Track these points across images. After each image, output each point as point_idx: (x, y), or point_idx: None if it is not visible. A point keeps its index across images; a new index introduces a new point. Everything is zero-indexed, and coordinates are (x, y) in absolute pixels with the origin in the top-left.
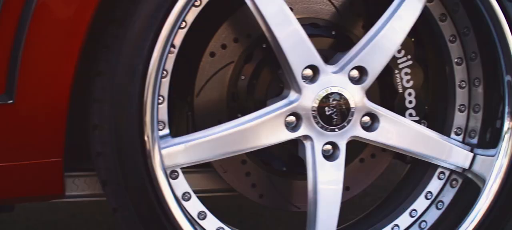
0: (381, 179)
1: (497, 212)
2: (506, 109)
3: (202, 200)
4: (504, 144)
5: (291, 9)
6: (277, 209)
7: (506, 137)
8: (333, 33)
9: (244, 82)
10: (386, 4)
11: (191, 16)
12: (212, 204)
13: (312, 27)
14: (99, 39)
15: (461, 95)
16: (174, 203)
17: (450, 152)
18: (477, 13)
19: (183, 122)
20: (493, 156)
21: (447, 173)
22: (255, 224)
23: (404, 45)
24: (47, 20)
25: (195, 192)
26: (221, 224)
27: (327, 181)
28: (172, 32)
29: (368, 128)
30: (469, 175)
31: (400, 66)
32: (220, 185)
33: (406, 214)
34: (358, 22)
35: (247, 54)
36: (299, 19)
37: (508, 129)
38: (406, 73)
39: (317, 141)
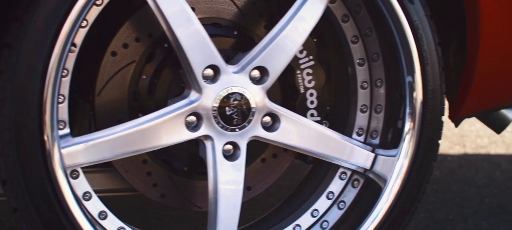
0: (285, 179)
1: (398, 212)
2: (407, 110)
3: (103, 199)
4: (405, 145)
5: (193, 9)
6: (179, 209)
7: (407, 137)
8: (235, 33)
9: (146, 81)
10: (289, 5)
11: (92, 15)
12: (116, 204)
13: (214, 27)
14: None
15: (363, 96)
16: (74, 203)
17: (352, 152)
18: (379, 14)
19: (86, 122)
20: (394, 156)
21: (348, 173)
22: (158, 224)
23: (306, 45)
24: None
25: (96, 191)
26: (122, 224)
27: (228, 181)
28: (72, 31)
29: (269, 128)
30: (371, 175)
31: (302, 66)
32: (121, 184)
33: (307, 214)
34: (261, 22)
35: (148, 53)
36: (201, 19)
37: (409, 129)
38: (308, 74)
39: (217, 141)
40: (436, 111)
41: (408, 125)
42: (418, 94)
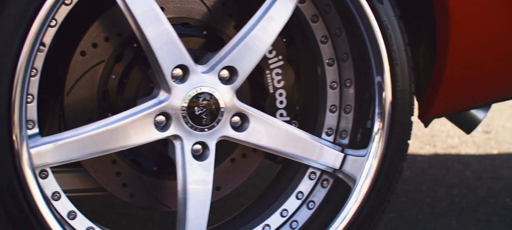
0: (256, 179)
1: (368, 212)
2: (377, 110)
3: (73, 200)
4: (374, 145)
5: (163, 8)
6: (148, 209)
7: (376, 137)
8: (205, 33)
9: (115, 81)
10: (258, 5)
11: (61, 15)
12: (86, 204)
13: (183, 27)
14: None
15: (332, 96)
16: (43, 203)
17: (321, 152)
18: (349, 15)
19: (56, 121)
20: (363, 156)
21: (318, 173)
22: (128, 224)
23: (276, 45)
24: None
25: (65, 191)
26: (91, 224)
27: (197, 181)
28: (41, 30)
29: (238, 128)
30: (340, 175)
31: (271, 66)
32: (91, 184)
33: (277, 214)
34: (230, 22)
35: (118, 53)
36: (171, 19)
37: (378, 129)
38: (277, 74)
39: (186, 141)
40: (405, 111)
41: (377, 125)
42: (387, 94)
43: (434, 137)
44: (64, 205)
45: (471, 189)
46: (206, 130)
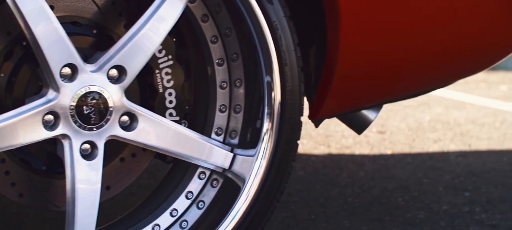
0: (148, 178)
1: (257, 212)
2: (266, 110)
3: None
4: (263, 145)
5: (52, 7)
6: (38, 209)
7: (266, 137)
8: (95, 32)
9: (3, 80)
10: (148, 4)
11: None
12: None
13: (73, 25)
14: None
15: (222, 96)
16: None
17: (210, 152)
18: (239, 15)
19: None
20: (252, 156)
21: (207, 173)
22: (20, 224)
23: (165, 45)
24: None
25: None
26: None
27: (85, 180)
28: None
29: (127, 127)
30: (230, 175)
31: (161, 66)
32: None
33: (167, 214)
34: (120, 21)
35: (6, 51)
36: (60, 17)
37: (268, 129)
38: (166, 73)
39: (75, 140)
40: (294, 111)
41: (266, 125)
42: (277, 94)
43: (328, 137)
44: None
45: (364, 189)
46: (94, 129)
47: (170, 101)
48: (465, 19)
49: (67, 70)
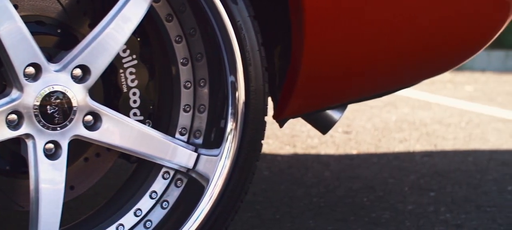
0: (114, 178)
1: (221, 211)
2: (230, 110)
3: None
4: (227, 145)
5: (16, 6)
6: (2, 209)
7: (230, 137)
8: (59, 31)
9: None
10: (112, 3)
11: None
12: None
13: (37, 25)
14: None
15: (186, 96)
16: None
17: (174, 152)
18: (203, 14)
19: None
20: (216, 156)
21: (172, 172)
22: None
23: (130, 44)
24: None
25: None
26: None
27: (49, 180)
28: None
29: (91, 127)
30: (194, 175)
31: (125, 65)
32: None
33: (131, 214)
34: (85, 20)
35: None
36: (25, 17)
37: (231, 129)
38: (131, 73)
39: (38, 140)
40: (258, 111)
41: (230, 125)
42: (241, 94)
43: (294, 137)
44: None
45: (329, 189)
46: (58, 128)
47: (134, 101)
48: (431, 19)
49: (31, 70)
